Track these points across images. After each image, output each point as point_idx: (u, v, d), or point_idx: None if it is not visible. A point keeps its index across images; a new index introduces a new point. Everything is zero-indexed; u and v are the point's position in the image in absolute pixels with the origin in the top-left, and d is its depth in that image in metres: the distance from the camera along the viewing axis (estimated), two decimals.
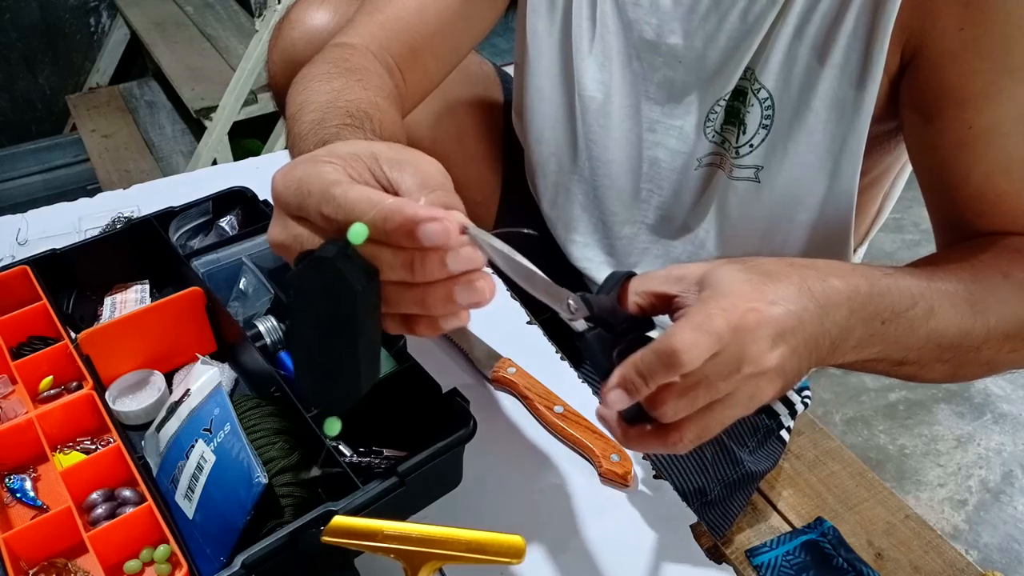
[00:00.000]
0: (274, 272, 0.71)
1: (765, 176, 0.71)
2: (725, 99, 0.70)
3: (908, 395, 1.68)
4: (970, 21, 0.55)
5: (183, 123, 2.30)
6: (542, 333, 0.76)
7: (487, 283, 0.41)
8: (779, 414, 0.94)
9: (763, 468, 0.97)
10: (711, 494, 0.89)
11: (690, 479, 0.86)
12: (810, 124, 0.66)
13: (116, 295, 0.75)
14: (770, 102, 0.68)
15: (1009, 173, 0.59)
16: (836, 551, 0.95)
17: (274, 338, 0.68)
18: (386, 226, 0.39)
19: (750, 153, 0.70)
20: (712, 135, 0.73)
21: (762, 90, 0.67)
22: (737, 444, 0.91)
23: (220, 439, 0.54)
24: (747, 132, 0.70)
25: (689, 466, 0.86)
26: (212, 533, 0.53)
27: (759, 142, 0.69)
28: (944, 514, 1.45)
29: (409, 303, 0.42)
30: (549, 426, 0.67)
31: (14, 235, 0.86)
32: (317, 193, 0.41)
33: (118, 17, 2.47)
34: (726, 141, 0.72)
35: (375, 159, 0.42)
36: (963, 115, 0.58)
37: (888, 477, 1.50)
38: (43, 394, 0.65)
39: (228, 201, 0.80)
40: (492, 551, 0.44)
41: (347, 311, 0.40)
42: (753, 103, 0.68)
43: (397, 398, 0.61)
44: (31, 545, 0.55)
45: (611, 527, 0.61)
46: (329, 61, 0.65)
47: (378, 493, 0.52)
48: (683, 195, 0.78)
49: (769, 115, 0.68)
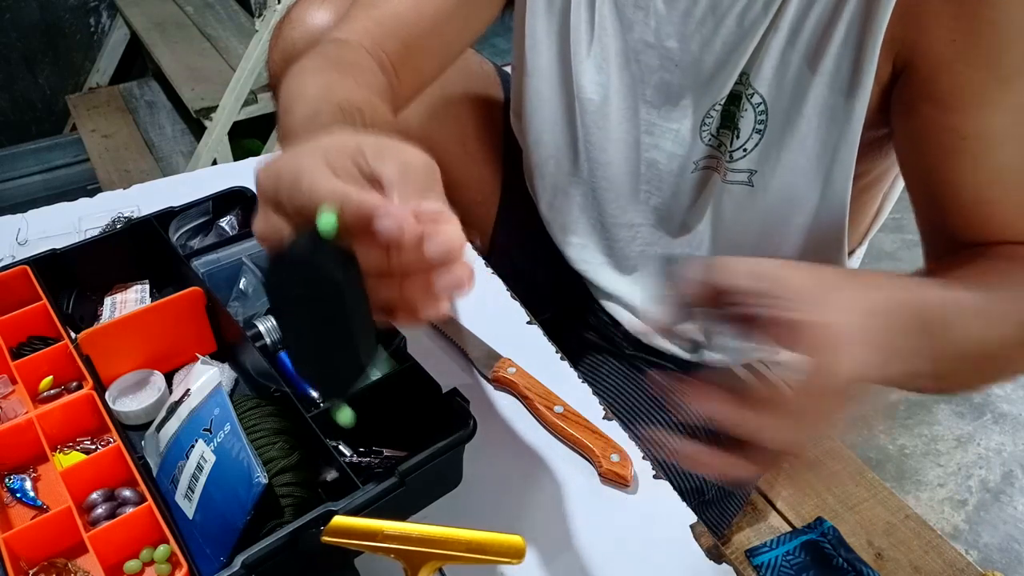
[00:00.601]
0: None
1: (759, 180, 0.71)
2: (721, 103, 0.70)
3: (908, 395, 1.68)
4: (960, 32, 0.55)
5: (183, 123, 2.30)
6: (542, 333, 0.76)
7: (466, 271, 0.41)
8: None
9: None
10: (708, 493, 0.89)
11: (687, 479, 0.86)
12: (802, 130, 0.66)
13: (116, 295, 0.75)
14: (763, 107, 0.68)
15: (1000, 183, 0.59)
16: (836, 551, 0.95)
17: (274, 338, 0.68)
18: (347, 219, 0.39)
19: (744, 157, 0.70)
20: (708, 139, 0.73)
21: (755, 95, 0.68)
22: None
23: (220, 439, 0.54)
24: (741, 137, 0.70)
25: None
26: (212, 533, 0.53)
27: (752, 147, 0.69)
28: (944, 514, 1.45)
29: (388, 293, 0.42)
30: (549, 426, 0.67)
31: (14, 235, 0.86)
32: (289, 184, 0.41)
33: (118, 17, 2.47)
34: (722, 145, 0.72)
35: (360, 150, 0.42)
36: (954, 125, 0.58)
37: (888, 477, 1.50)
38: (43, 394, 0.65)
39: (228, 201, 0.80)
40: (492, 551, 0.44)
41: (331, 299, 0.40)
42: (747, 108, 0.68)
43: (397, 398, 0.61)
44: (31, 545, 0.55)
45: (611, 527, 0.61)
46: (323, 55, 0.65)
47: (378, 493, 0.52)
48: (681, 197, 0.78)
49: (763, 120, 0.68)
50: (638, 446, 0.66)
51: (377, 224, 0.38)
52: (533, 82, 0.82)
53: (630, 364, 0.92)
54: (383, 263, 0.40)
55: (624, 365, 0.92)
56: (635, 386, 0.90)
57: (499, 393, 0.71)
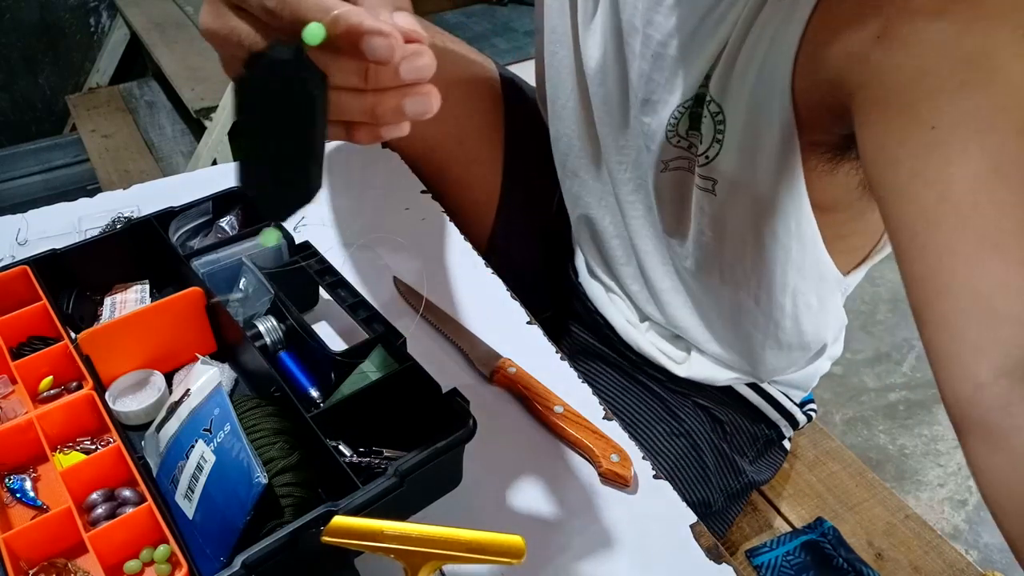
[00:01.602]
0: (274, 272, 0.71)
1: (720, 190, 0.69)
2: (687, 105, 0.67)
3: (908, 395, 1.68)
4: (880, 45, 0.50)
5: (183, 123, 2.30)
6: (542, 333, 0.76)
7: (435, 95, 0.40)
8: (778, 425, 0.94)
9: (764, 478, 0.97)
10: (715, 506, 0.89)
11: (694, 491, 0.86)
12: (754, 143, 0.63)
13: (116, 295, 0.75)
14: (721, 116, 0.65)
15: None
16: (836, 551, 0.95)
17: (274, 338, 0.68)
18: (336, 32, 0.38)
19: (706, 164, 0.68)
20: (676, 139, 0.70)
21: (712, 102, 0.65)
22: (738, 454, 0.91)
23: (220, 439, 0.54)
24: (704, 142, 0.67)
25: (692, 476, 0.86)
26: (212, 533, 0.54)
27: (714, 155, 0.67)
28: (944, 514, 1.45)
29: (355, 110, 0.41)
30: (549, 426, 0.67)
31: (14, 235, 0.86)
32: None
33: (118, 17, 2.47)
34: (692, 147, 0.70)
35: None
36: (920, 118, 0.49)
37: (888, 477, 1.51)
38: (43, 394, 0.65)
39: (228, 201, 0.80)
40: (492, 551, 0.44)
41: (302, 112, 0.39)
42: (707, 115, 0.66)
43: (397, 398, 0.61)
44: (31, 545, 0.55)
45: (611, 527, 0.61)
46: None
47: (378, 493, 0.52)
48: (662, 193, 0.77)
49: (721, 130, 0.66)
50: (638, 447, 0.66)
51: (368, 42, 0.37)
52: (550, 47, 0.81)
53: (627, 374, 0.92)
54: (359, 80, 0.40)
55: (621, 375, 0.92)
56: (634, 396, 0.90)
57: (499, 393, 0.71)
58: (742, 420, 0.91)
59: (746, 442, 0.92)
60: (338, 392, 0.63)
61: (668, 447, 0.86)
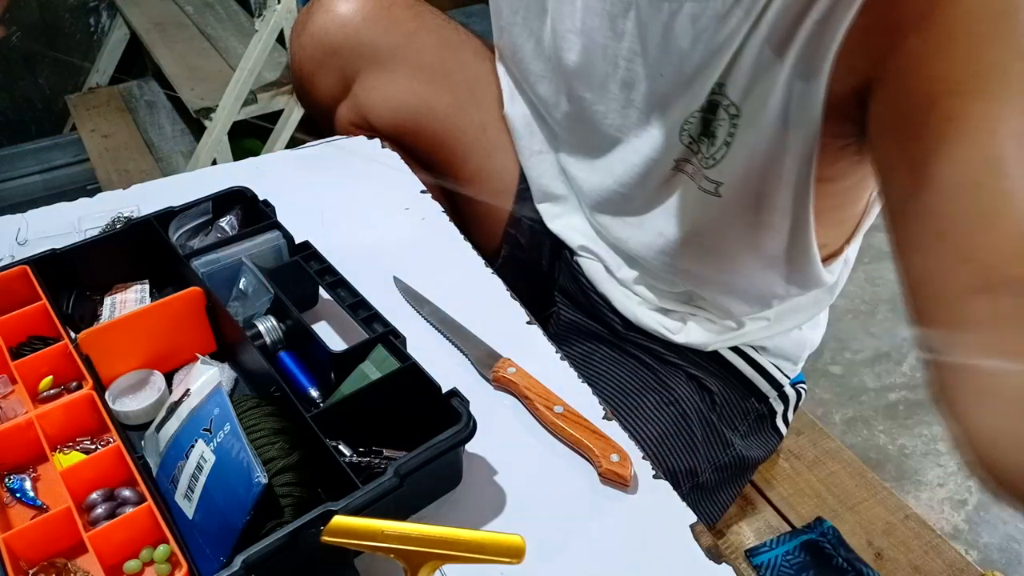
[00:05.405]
0: (274, 272, 0.71)
1: (724, 190, 0.71)
2: (698, 111, 0.70)
3: (908, 395, 1.68)
4: (932, 34, 0.51)
5: (183, 123, 2.30)
6: (542, 333, 0.76)
7: None
8: (768, 396, 0.94)
9: (755, 455, 0.96)
10: (702, 476, 0.89)
11: (680, 459, 0.86)
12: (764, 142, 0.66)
13: (116, 295, 0.75)
14: (737, 118, 0.68)
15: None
16: (836, 551, 0.95)
17: (274, 338, 0.68)
18: None
19: (713, 167, 0.71)
20: (683, 138, 0.73)
21: (731, 106, 0.67)
22: (728, 427, 0.91)
23: (220, 439, 0.54)
24: (716, 144, 0.70)
25: (678, 444, 0.86)
26: (212, 533, 0.54)
27: (721, 157, 0.70)
28: (944, 514, 1.45)
29: None
30: (549, 426, 0.67)
31: (14, 235, 0.86)
32: None
33: (118, 17, 2.47)
34: (696, 144, 0.73)
35: None
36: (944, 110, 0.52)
37: (888, 477, 1.50)
38: (43, 394, 0.65)
39: (228, 201, 0.80)
40: (492, 551, 0.44)
41: None
42: (723, 117, 0.68)
43: (397, 398, 0.61)
44: (31, 545, 0.55)
45: (611, 527, 0.61)
46: None
47: (378, 493, 0.52)
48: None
49: (733, 132, 0.68)
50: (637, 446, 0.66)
51: None
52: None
53: (618, 348, 0.93)
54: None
55: (612, 349, 0.93)
56: (626, 368, 0.91)
57: (499, 393, 0.71)
58: (732, 392, 0.92)
59: (736, 415, 0.92)
60: (338, 392, 0.63)
61: (657, 416, 0.86)
